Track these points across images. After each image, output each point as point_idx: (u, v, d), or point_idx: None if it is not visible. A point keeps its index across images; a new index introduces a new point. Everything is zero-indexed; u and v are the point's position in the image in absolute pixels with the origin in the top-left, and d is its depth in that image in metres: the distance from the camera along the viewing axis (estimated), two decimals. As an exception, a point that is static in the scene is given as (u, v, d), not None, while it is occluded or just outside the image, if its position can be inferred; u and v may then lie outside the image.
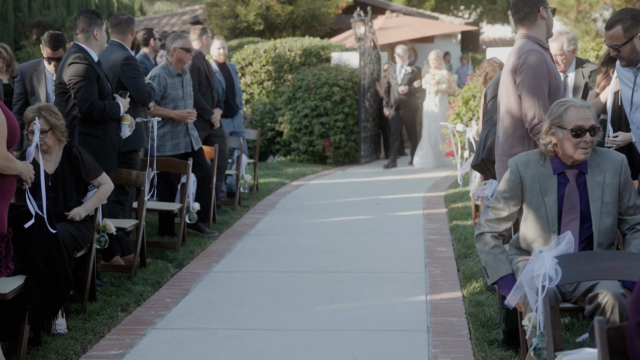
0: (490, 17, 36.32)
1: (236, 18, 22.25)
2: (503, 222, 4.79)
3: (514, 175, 4.75)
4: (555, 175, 4.69)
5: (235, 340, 5.85)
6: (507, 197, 4.76)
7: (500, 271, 4.70)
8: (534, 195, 4.69)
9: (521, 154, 4.85)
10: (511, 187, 4.75)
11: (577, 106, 4.64)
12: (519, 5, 5.65)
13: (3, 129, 4.66)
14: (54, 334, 5.81)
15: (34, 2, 29.51)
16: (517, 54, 5.59)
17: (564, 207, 4.66)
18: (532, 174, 4.71)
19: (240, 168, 11.30)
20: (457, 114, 13.79)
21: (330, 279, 7.54)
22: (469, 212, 10.14)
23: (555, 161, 4.71)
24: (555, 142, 4.66)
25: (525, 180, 4.71)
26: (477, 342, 5.58)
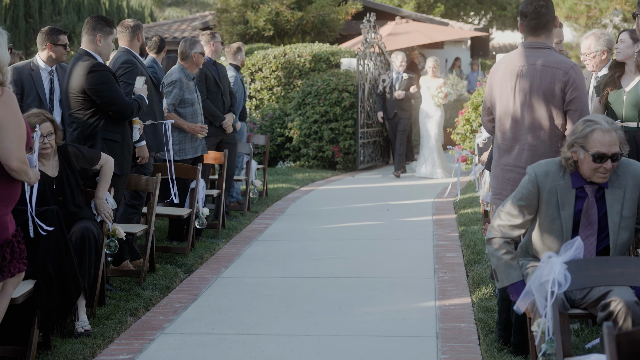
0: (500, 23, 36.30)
1: (246, 24, 22.28)
2: (516, 229, 4.74)
3: (532, 185, 4.67)
4: (574, 189, 4.60)
5: (244, 346, 5.84)
6: (522, 205, 4.69)
7: (511, 278, 4.68)
8: (551, 207, 4.62)
9: (541, 163, 4.74)
10: (528, 195, 4.67)
11: (603, 129, 4.47)
12: (541, 11, 5.36)
13: (24, 133, 4.69)
14: (80, 333, 5.88)
15: (44, 8, 29.60)
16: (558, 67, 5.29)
17: (582, 222, 4.59)
18: (551, 185, 4.62)
19: (250, 173, 11.31)
20: (466, 119, 13.78)
21: (339, 284, 7.53)
22: (479, 218, 10.12)
23: (575, 175, 4.61)
24: (575, 159, 4.57)
25: (543, 192, 4.63)
26: (487, 348, 5.56)
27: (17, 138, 4.61)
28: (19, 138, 4.62)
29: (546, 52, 5.38)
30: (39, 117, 6.14)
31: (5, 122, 4.56)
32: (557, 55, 5.40)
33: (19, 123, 4.64)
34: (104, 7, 33.75)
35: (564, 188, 4.60)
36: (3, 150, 4.57)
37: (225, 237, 9.58)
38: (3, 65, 4.61)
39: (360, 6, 23.46)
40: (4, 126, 4.56)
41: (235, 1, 22.51)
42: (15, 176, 4.68)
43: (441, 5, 33.00)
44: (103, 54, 7.15)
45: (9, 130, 4.57)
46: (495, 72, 5.60)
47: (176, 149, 8.97)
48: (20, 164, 4.64)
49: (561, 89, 5.28)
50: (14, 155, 4.59)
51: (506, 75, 5.47)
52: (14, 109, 4.63)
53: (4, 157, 4.58)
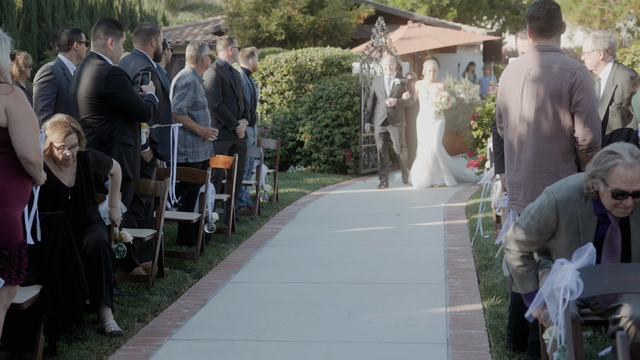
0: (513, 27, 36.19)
1: (258, 28, 22.27)
2: (533, 246, 4.62)
3: (551, 211, 4.48)
4: (596, 216, 4.42)
5: (252, 352, 5.78)
6: (540, 228, 4.53)
7: (526, 288, 4.64)
8: (570, 233, 4.46)
9: (562, 188, 4.50)
10: (546, 221, 4.50)
11: (626, 165, 4.20)
12: (554, 14, 5.30)
13: (37, 126, 4.83)
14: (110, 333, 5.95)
15: (57, 13, 29.67)
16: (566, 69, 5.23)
17: (605, 249, 4.43)
18: (572, 213, 4.43)
19: (260, 178, 11.27)
20: (479, 123, 13.70)
21: (349, 290, 7.46)
22: (491, 224, 10.04)
23: (597, 202, 4.41)
24: (596, 189, 4.35)
25: (563, 219, 4.45)
26: (498, 356, 5.50)
27: (32, 130, 4.72)
28: (34, 130, 4.74)
29: (554, 55, 5.32)
30: (66, 129, 5.99)
31: (20, 115, 4.66)
32: (565, 57, 5.33)
33: (32, 117, 4.76)
34: (117, 11, 33.81)
35: (585, 215, 4.42)
36: (20, 143, 4.66)
37: (234, 242, 9.53)
38: (3, 70, 4.69)
39: (372, 10, 23.40)
40: (20, 119, 4.66)
41: (247, 5, 22.50)
42: (31, 170, 4.73)
43: (454, 9, 32.94)
44: (114, 57, 7.12)
45: (24, 123, 4.68)
46: (505, 77, 5.54)
47: (190, 152, 8.98)
48: (38, 157, 4.74)
49: (568, 90, 5.22)
50: (32, 148, 4.69)
51: (515, 79, 5.42)
52: (26, 103, 4.72)
53: (22, 150, 4.66)
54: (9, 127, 4.64)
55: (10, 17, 26.82)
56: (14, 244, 4.68)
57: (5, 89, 4.65)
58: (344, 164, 16.46)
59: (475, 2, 34.39)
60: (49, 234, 5.36)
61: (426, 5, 31.91)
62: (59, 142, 5.99)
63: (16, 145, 4.65)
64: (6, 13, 26.68)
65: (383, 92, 14.34)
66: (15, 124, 4.64)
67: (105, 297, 6.04)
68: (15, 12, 27.59)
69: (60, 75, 7.97)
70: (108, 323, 6.06)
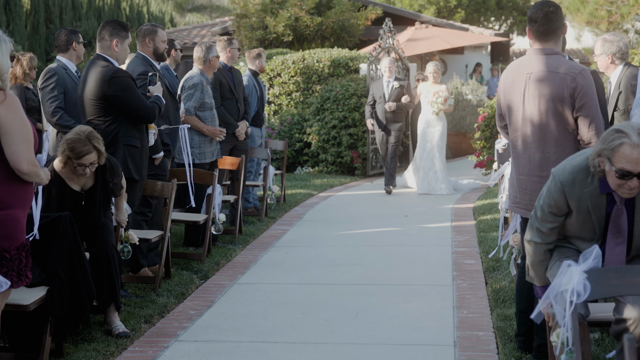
0: (521, 29, 36.11)
1: (265, 29, 22.26)
2: (555, 230, 4.56)
3: (559, 194, 4.45)
4: (604, 194, 4.38)
5: (259, 354, 5.78)
6: (553, 212, 4.50)
7: (540, 280, 4.64)
8: (581, 213, 4.43)
9: (566, 169, 4.47)
10: (556, 203, 4.47)
11: (632, 144, 4.14)
12: (551, 17, 5.28)
13: (31, 136, 4.68)
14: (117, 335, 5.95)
15: (65, 14, 29.73)
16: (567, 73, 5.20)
17: (610, 229, 4.40)
18: (579, 193, 4.40)
19: (268, 179, 11.26)
20: (486, 125, 13.67)
21: (357, 291, 7.45)
22: (498, 225, 10.01)
23: (604, 181, 4.36)
24: (603, 168, 4.31)
25: (572, 200, 4.42)
26: (505, 357, 5.48)
27: (24, 141, 4.61)
28: (26, 141, 4.62)
29: (554, 58, 5.29)
30: (86, 147, 5.85)
31: (10, 126, 4.56)
32: (565, 61, 5.30)
33: (24, 126, 4.63)
34: (125, 12, 33.87)
35: (593, 194, 4.39)
36: (12, 155, 4.57)
37: (241, 243, 9.53)
38: (3, 72, 4.60)
39: (380, 11, 23.38)
40: (10, 130, 4.56)
41: (255, 7, 22.50)
42: (26, 179, 4.67)
43: (461, 10, 32.89)
44: (120, 58, 7.11)
45: (15, 134, 4.57)
46: (505, 78, 5.52)
47: (196, 153, 8.98)
48: (31, 167, 4.63)
49: (570, 94, 5.19)
50: (24, 159, 4.59)
51: (515, 82, 5.39)
52: (18, 113, 4.62)
53: (14, 162, 4.57)
54: (1, 138, 4.56)
55: (18, 19, 26.88)
56: (15, 246, 4.65)
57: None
58: (351, 165, 16.45)
59: (482, 3, 34.33)
60: (56, 235, 5.35)
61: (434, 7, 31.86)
62: (77, 159, 5.88)
63: (8, 157, 4.58)
64: (14, 14, 26.74)
65: (382, 95, 13.85)
66: (7, 135, 4.56)
67: (112, 299, 6.04)
68: (23, 14, 27.65)
69: (63, 75, 8.03)
70: (115, 325, 6.06)
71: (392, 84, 13.79)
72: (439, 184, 13.77)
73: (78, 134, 5.91)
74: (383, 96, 13.80)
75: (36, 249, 5.18)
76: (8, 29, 26.06)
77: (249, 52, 11.44)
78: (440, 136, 13.86)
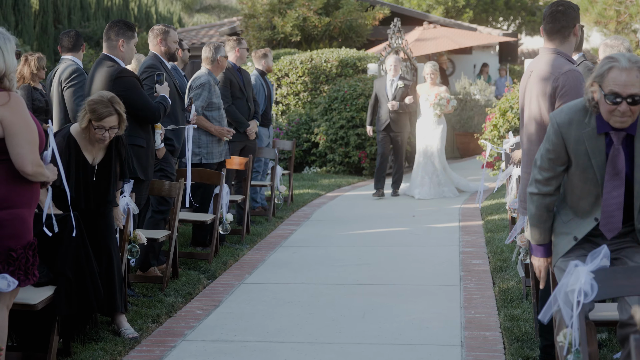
0: (529, 29, 36.07)
1: (273, 29, 22.27)
2: (552, 181, 4.48)
3: (556, 137, 4.36)
4: (602, 134, 4.26)
5: (266, 353, 5.78)
6: (551, 159, 4.42)
7: (537, 240, 4.58)
8: (580, 157, 4.32)
9: (563, 110, 4.40)
10: (555, 148, 4.38)
11: (620, 67, 4.09)
12: (557, 16, 5.32)
13: (35, 137, 4.68)
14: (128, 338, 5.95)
15: (73, 15, 29.78)
16: (552, 72, 5.25)
17: (607, 172, 4.27)
18: (576, 134, 4.30)
19: (275, 179, 11.27)
20: (494, 125, 13.65)
21: (364, 291, 7.45)
22: (506, 225, 10.00)
23: (600, 118, 4.25)
24: (596, 100, 4.22)
25: (569, 142, 4.32)
26: (512, 358, 5.47)
27: (28, 142, 4.61)
28: (30, 142, 4.63)
29: (552, 57, 5.33)
30: (107, 109, 5.80)
31: (14, 128, 4.57)
32: (559, 60, 5.31)
33: (29, 127, 4.64)
34: (133, 13, 33.92)
35: (590, 135, 4.28)
36: (16, 157, 4.59)
37: (249, 243, 9.54)
38: (10, 72, 4.62)
39: (387, 11, 23.36)
40: (14, 133, 4.57)
41: (263, 7, 22.51)
42: (32, 179, 4.68)
43: (470, 10, 32.85)
44: (126, 58, 7.13)
45: (19, 136, 4.58)
46: (522, 77, 5.61)
47: (204, 153, 8.98)
48: (35, 168, 4.64)
49: (551, 94, 5.24)
50: (28, 160, 4.60)
51: (523, 80, 5.52)
52: (22, 114, 4.63)
53: (18, 164, 4.59)
54: (5, 139, 4.58)
55: (27, 19, 26.93)
56: (21, 245, 4.66)
57: (1, 100, 4.56)
58: (359, 165, 16.44)
59: (491, 3, 34.29)
60: (63, 234, 5.36)
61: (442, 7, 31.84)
62: (97, 122, 5.81)
63: (12, 159, 4.60)
64: (22, 15, 26.80)
65: (385, 94, 13.35)
66: (11, 137, 4.57)
67: (118, 306, 6.05)
68: (32, 14, 27.70)
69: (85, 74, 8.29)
70: (124, 328, 6.06)
71: (396, 83, 13.33)
72: (442, 187, 13.44)
73: (101, 96, 5.90)
74: (386, 95, 13.34)
75: (44, 248, 5.18)
76: (17, 29, 26.13)
77: (256, 51, 11.46)
78: (441, 139, 13.52)
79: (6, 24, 24.95)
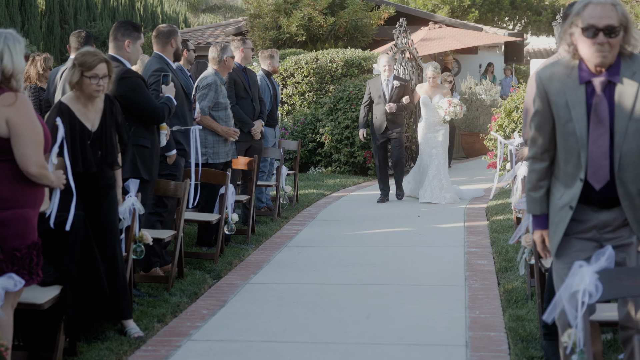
0: (535, 28, 36.01)
1: (279, 29, 22.29)
2: (545, 153, 4.38)
3: (540, 91, 4.29)
4: (583, 85, 4.18)
5: (271, 353, 5.79)
6: (538, 124, 4.32)
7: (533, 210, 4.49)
8: (561, 109, 4.23)
9: (546, 66, 4.36)
10: (539, 107, 4.29)
11: (595, 3, 4.09)
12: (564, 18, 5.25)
13: (40, 138, 4.71)
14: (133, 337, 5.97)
15: (80, 15, 29.85)
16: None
17: (592, 120, 4.16)
18: (557, 86, 4.22)
19: (280, 179, 11.28)
20: (499, 125, 13.65)
21: (369, 291, 7.46)
22: (511, 225, 10.00)
23: (581, 68, 4.19)
24: (574, 43, 4.16)
25: (550, 95, 4.24)
26: (517, 358, 5.48)
27: (33, 143, 4.64)
28: (35, 143, 4.65)
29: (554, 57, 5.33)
30: (96, 57, 5.86)
31: (20, 129, 4.60)
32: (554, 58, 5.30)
33: (34, 128, 4.66)
34: (139, 13, 33.97)
35: (571, 86, 4.20)
36: (20, 157, 4.62)
37: (254, 243, 9.55)
38: (17, 72, 4.64)
39: (393, 11, 23.37)
40: (19, 133, 4.60)
41: (268, 7, 22.52)
42: (35, 181, 4.70)
43: (475, 10, 32.82)
44: (132, 59, 7.14)
45: (24, 137, 4.61)
46: None
47: (210, 153, 9.01)
48: (39, 169, 4.67)
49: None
50: (32, 161, 4.63)
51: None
52: (28, 115, 4.65)
53: (22, 164, 4.62)
54: (11, 140, 4.61)
55: (33, 19, 27.00)
56: (25, 245, 4.68)
57: (7, 100, 4.59)
58: (364, 165, 16.45)
59: (496, 3, 34.26)
60: (69, 234, 5.37)
61: (447, 6, 31.82)
62: (89, 71, 5.83)
63: (17, 159, 4.62)
64: (29, 15, 26.86)
65: (381, 95, 12.81)
66: (16, 138, 4.60)
67: (125, 314, 6.06)
68: (38, 14, 27.77)
69: None
70: (130, 327, 6.08)
71: (392, 83, 12.81)
72: (444, 192, 12.79)
73: (86, 49, 5.98)
74: (383, 95, 12.79)
75: (49, 248, 5.20)
76: (23, 29, 26.19)
77: (262, 52, 11.48)
78: (443, 142, 13.03)
79: (13, 24, 25.02)
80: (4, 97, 4.61)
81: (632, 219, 4.18)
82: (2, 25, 24.31)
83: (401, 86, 12.83)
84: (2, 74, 4.62)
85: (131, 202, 6.56)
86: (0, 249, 4.57)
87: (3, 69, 4.62)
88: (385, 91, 12.81)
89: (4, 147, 4.63)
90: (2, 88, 4.63)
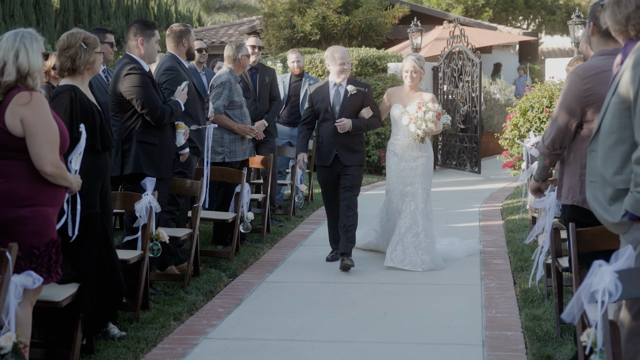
0: (550, 28, 35.93)
1: (293, 28, 22.28)
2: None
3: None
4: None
5: (288, 352, 5.80)
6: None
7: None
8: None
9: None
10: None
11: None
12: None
13: (55, 137, 4.71)
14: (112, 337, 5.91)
15: (94, 13, 29.92)
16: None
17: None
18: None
19: (295, 178, 11.28)
20: (514, 124, 13.61)
21: (385, 290, 7.46)
22: (526, 225, 9.98)
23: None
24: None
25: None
26: (533, 357, 5.47)
27: (48, 143, 4.65)
28: (50, 142, 4.66)
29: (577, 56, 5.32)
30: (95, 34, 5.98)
31: (35, 128, 4.62)
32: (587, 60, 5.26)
33: (49, 127, 4.67)
34: (153, 12, 34.04)
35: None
36: (35, 157, 4.64)
37: (269, 242, 9.55)
38: (33, 71, 4.65)
39: (407, 10, 23.32)
40: (34, 133, 4.61)
41: (282, 6, 22.52)
42: (52, 181, 4.71)
43: (489, 9, 32.78)
44: (147, 57, 7.14)
45: (39, 137, 4.62)
46: None
47: (227, 152, 9.02)
48: (54, 169, 4.67)
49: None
50: (47, 161, 4.65)
51: None
52: (43, 114, 4.67)
53: (37, 163, 4.64)
54: (26, 139, 4.63)
55: (48, 18, 27.08)
56: (44, 243, 4.69)
57: (23, 99, 4.60)
58: (378, 164, 16.43)
59: (511, 2, 34.19)
60: (87, 233, 5.39)
61: (461, 6, 31.78)
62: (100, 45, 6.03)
63: (32, 158, 4.65)
64: (43, 14, 26.95)
65: (327, 108, 8.52)
66: (31, 137, 4.62)
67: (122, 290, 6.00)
68: (53, 13, 27.85)
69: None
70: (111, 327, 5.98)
71: (344, 89, 8.55)
72: (421, 254, 8.28)
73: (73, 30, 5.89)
74: (330, 109, 8.53)
75: (68, 246, 5.22)
76: (38, 28, 26.26)
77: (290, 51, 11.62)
78: (423, 175, 8.56)
79: (27, 23, 25.11)
80: (19, 96, 4.61)
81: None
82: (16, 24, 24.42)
83: (359, 92, 8.58)
84: (17, 72, 4.63)
85: (148, 200, 6.57)
86: (19, 246, 4.58)
87: (19, 67, 4.63)
88: (334, 101, 8.56)
89: (21, 146, 4.64)
90: (19, 87, 4.64)
